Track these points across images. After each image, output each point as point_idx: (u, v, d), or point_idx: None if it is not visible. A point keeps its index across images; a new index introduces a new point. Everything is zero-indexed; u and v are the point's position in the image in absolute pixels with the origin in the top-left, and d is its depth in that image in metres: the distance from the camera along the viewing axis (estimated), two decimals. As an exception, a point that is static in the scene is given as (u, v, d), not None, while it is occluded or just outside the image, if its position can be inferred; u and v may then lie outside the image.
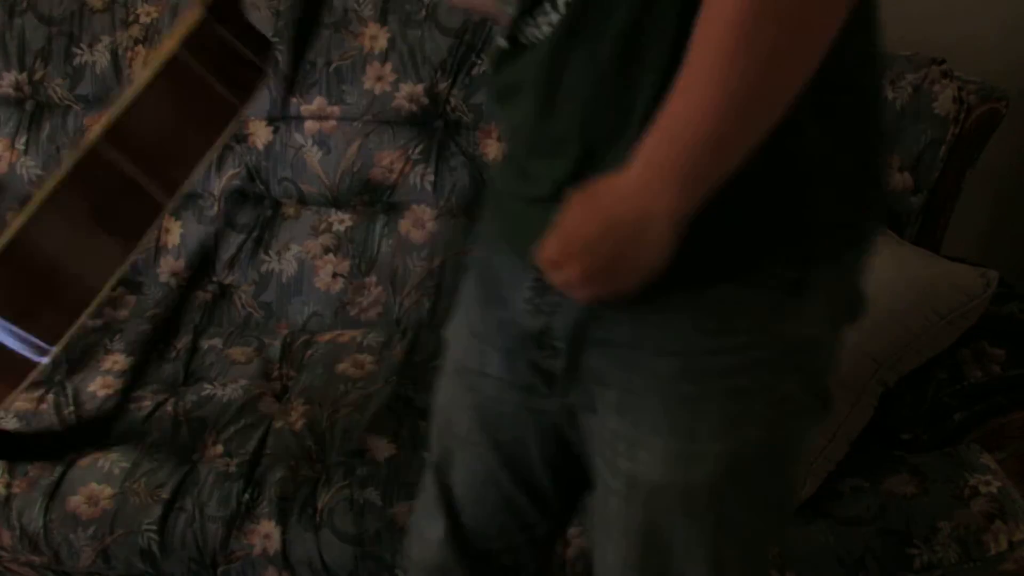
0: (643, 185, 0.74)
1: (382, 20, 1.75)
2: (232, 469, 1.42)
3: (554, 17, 0.79)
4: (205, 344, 1.70)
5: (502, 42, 0.86)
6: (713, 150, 0.73)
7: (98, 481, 1.41)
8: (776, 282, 0.82)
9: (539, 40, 0.81)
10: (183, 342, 1.69)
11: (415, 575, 1.15)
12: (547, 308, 0.89)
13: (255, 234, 1.79)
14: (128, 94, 1.18)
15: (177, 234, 1.80)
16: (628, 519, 0.94)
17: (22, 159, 1.82)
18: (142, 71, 1.19)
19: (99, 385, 1.58)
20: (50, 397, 1.56)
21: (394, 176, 1.76)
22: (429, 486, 1.10)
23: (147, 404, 1.53)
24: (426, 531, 1.11)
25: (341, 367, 1.62)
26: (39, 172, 1.82)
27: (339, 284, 1.76)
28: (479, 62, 1.73)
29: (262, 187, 1.80)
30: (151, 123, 1.18)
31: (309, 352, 1.67)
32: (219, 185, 1.80)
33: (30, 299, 1.16)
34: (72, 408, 1.54)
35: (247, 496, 1.39)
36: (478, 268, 1.02)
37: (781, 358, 0.85)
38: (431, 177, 1.75)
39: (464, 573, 1.10)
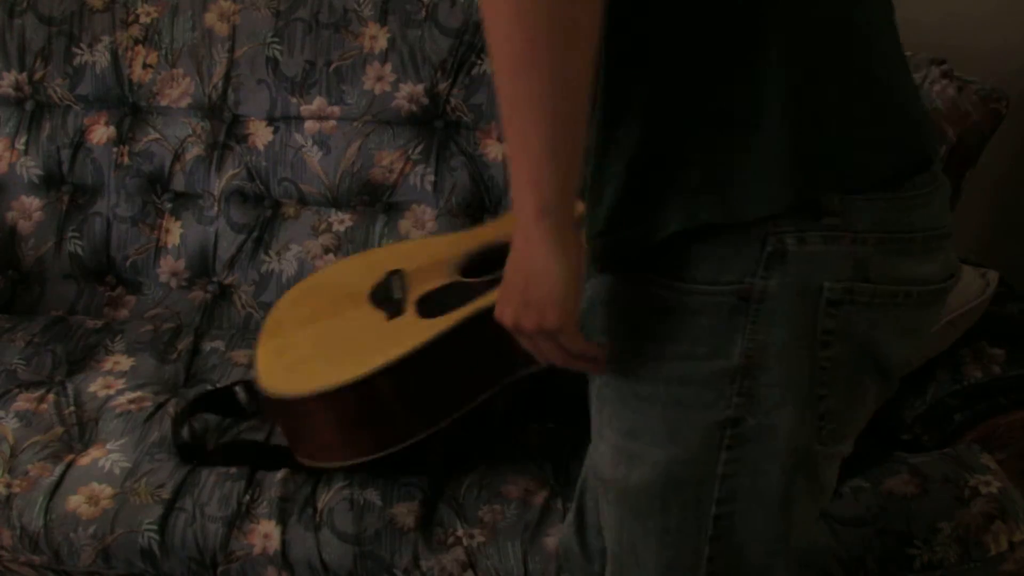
0: (517, 217, 0.78)
1: (382, 20, 1.75)
2: (232, 469, 1.42)
3: None
4: (207, 346, 1.70)
5: None
6: (524, 139, 0.75)
7: (98, 481, 1.41)
8: (728, 289, 0.79)
9: None
10: (184, 343, 1.69)
11: (561, 550, 1.23)
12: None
13: (255, 234, 1.79)
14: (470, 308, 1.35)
15: (177, 234, 1.81)
16: (601, 503, 0.97)
17: (22, 159, 1.82)
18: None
19: (100, 386, 1.58)
20: (51, 397, 1.56)
21: (394, 176, 1.76)
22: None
23: (148, 404, 1.54)
24: (570, 512, 1.18)
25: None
26: (39, 172, 1.82)
27: (339, 284, 1.77)
28: (479, 62, 1.73)
29: (262, 187, 1.80)
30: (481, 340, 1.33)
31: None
32: (219, 185, 1.80)
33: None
34: (72, 408, 1.54)
35: (247, 496, 1.39)
36: None
37: (727, 376, 0.82)
38: (431, 177, 1.75)
39: (583, 560, 1.15)
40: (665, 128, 0.79)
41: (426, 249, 1.58)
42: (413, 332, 1.36)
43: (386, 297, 1.46)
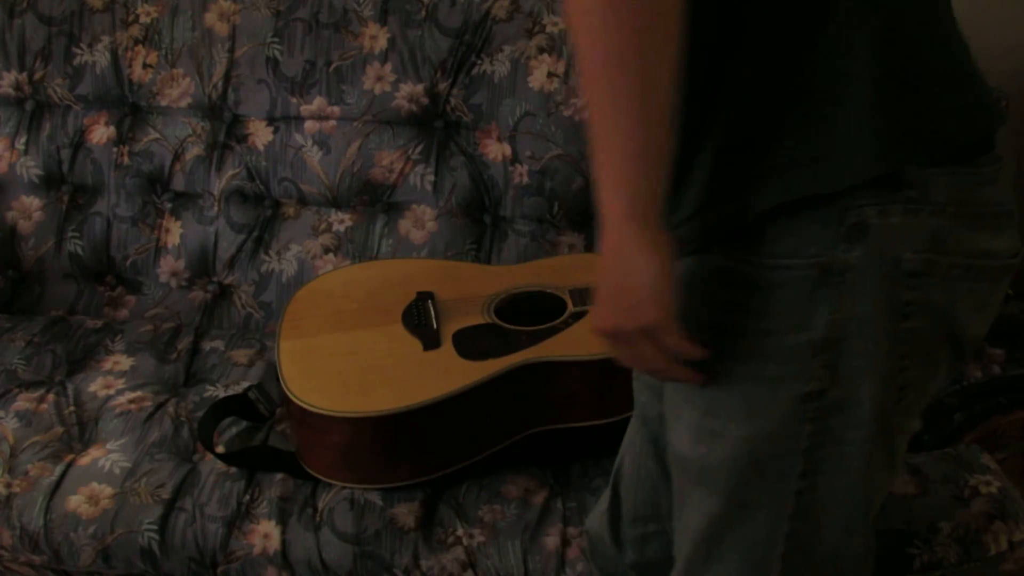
0: (603, 221, 0.79)
1: (382, 20, 1.75)
2: (233, 469, 1.42)
3: None
4: (207, 346, 1.70)
5: None
6: (613, 142, 0.76)
7: (98, 481, 1.41)
8: (809, 263, 0.81)
9: None
10: (184, 343, 1.69)
11: (587, 540, 1.24)
12: None
13: (255, 234, 1.79)
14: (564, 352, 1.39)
15: (177, 234, 1.81)
16: (677, 486, 0.97)
17: (22, 159, 1.82)
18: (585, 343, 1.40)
19: (100, 385, 1.58)
20: (51, 397, 1.56)
21: (394, 176, 1.76)
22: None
23: (148, 404, 1.54)
24: (602, 499, 1.19)
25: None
26: (39, 172, 1.82)
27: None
28: (479, 62, 1.73)
29: (262, 187, 1.80)
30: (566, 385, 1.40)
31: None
32: (219, 185, 1.80)
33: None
34: (72, 408, 1.54)
35: (247, 496, 1.39)
36: None
37: (810, 349, 0.83)
38: (431, 177, 1.75)
39: (613, 550, 1.16)
40: (755, 109, 0.81)
41: (454, 275, 1.59)
42: (455, 372, 1.37)
43: (420, 323, 1.47)
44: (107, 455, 1.45)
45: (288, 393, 1.38)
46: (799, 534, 0.90)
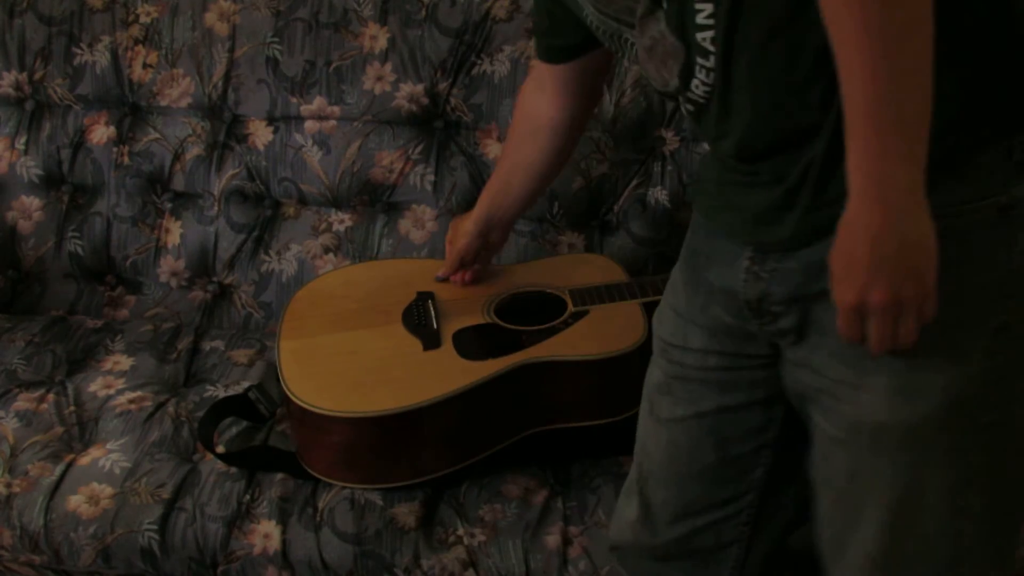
0: (873, 192, 0.80)
1: (382, 20, 1.75)
2: (233, 469, 1.42)
3: (702, 90, 0.93)
4: (207, 346, 1.70)
5: (689, 107, 0.98)
6: (898, 111, 0.77)
7: (99, 480, 1.41)
8: (988, 204, 0.85)
9: (704, 100, 0.94)
10: (184, 343, 1.69)
11: (614, 554, 1.24)
12: (765, 275, 0.95)
13: (255, 234, 1.79)
14: (567, 352, 1.40)
15: (177, 234, 1.81)
16: (852, 466, 0.96)
17: (22, 159, 1.82)
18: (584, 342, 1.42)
19: (100, 385, 1.58)
20: (51, 397, 1.56)
21: (394, 176, 1.76)
22: (632, 468, 1.18)
23: (148, 404, 1.54)
24: (624, 511, 1.19)
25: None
26: (39, 172, 1.82)
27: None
28: (479, 62, 1.73)
29: (262, 187, 1.80)
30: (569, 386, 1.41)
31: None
32: (219, 185, 1.80)
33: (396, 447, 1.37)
34: (72, 408, 1.54)
35: (247, 496, 1.39)
36: (687, 256, 1.09)
37: (997, 285, 0.87)
38: (431, 177, 1.75)
39: (656, 553, 1.17)
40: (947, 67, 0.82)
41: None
42: (455, 372, 1.38)
43: (420, 323, 1.47)
44: (107, 455, 1.45)
45: (288, 393, 1.38)
46: (991, 467, 0.93)
